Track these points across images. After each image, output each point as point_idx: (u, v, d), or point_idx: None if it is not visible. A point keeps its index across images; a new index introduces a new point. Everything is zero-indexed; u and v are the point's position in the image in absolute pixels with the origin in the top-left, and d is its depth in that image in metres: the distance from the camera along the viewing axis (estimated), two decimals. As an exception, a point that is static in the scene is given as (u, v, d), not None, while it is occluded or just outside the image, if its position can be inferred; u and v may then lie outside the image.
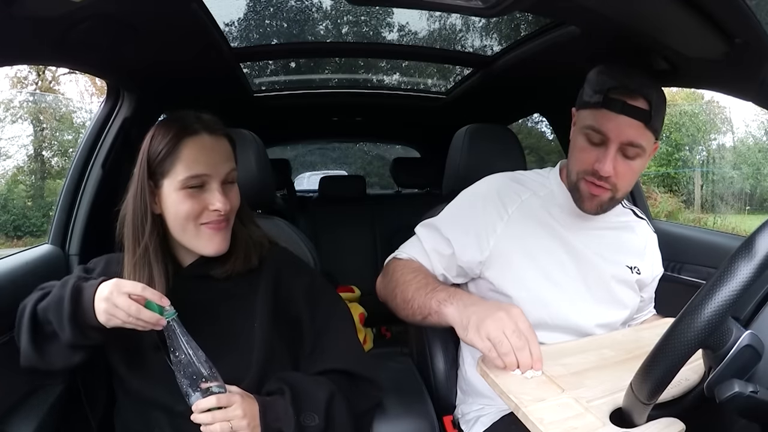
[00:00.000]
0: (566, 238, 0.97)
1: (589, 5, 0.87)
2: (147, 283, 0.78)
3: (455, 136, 1.30)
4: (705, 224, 7.27)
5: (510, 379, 0.72)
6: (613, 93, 0.87)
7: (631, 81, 0.88)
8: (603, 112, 0.88)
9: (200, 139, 0.81)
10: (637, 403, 0.58)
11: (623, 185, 0.92)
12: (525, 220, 0.97)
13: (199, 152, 0.79)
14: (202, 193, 0.80)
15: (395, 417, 0.97)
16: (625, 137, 0.87)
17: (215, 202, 0.80)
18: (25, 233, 7.41)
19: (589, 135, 0.90)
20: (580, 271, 0.97)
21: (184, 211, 0.80)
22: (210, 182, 0.81)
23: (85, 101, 9.21)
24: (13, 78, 8.65)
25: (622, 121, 0.87)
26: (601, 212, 0.95)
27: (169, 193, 0.80)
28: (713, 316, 0.51)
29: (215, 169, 0.81)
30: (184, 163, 0.79)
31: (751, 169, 8.58)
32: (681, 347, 0.52)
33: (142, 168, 0.81)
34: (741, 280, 0.51)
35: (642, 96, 0.87)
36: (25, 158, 8.28)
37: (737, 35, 0.86)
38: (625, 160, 0.89)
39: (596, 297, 0.97)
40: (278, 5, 1.83)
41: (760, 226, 0.54)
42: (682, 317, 0.53)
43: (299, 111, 2.26)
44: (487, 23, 1.82)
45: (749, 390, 0.52)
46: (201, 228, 0.81)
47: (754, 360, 0.55)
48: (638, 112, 0.86)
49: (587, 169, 0.91)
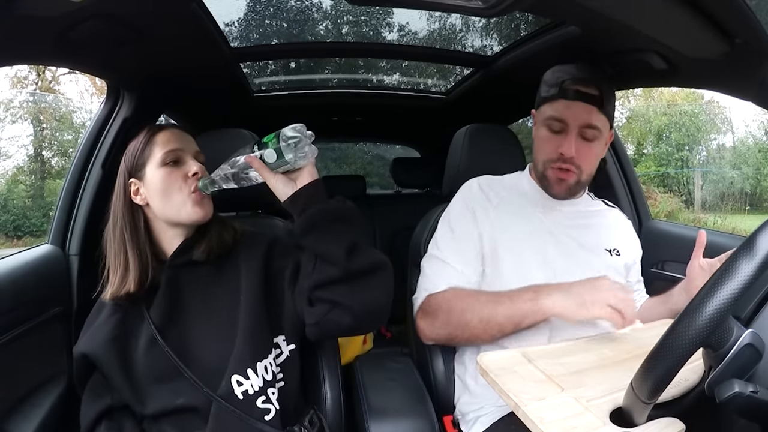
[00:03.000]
0: (549, 228, 1.05)
1: (589, 5, 0.87)
2: (123, 270, 0.87)
3: (455, 136, 1.30)
4: (705, 224, 7.27)
5: (509, 377, 0.72)
6: (567, 84, 0.99)
7: (581, 72, 1.00)
8: (560, 102, 1.00)
9: (169, 130, 0.93)
10: (638, 403, 0.58)
11: (586, 167, 1.03)
12: (507, 214, 1.05)
13: (170, 136, 0.92)
14: (179, 167, 0.90)
15: (395, 417, 0.97)
16: (583, 120, 0.99)
17: (192, 168, 0.90)
18: (25, 233, 7.41)
19: (550, 125, 1.01)
20: (566, 258, 1.02)
21: (170, 183, 0.88)
22: (184, 156, 0.91)
23: (85, 101, 9.21)
24: (13, 78, 8.66)
25: (577, 107, 0.99)
26: (570, 196, 1.06)
27: (152, 175, 0.89)
28: (714, 315, 0.51)
29: (186, 145, 0.92)
30: (160, 145, 0.90)
31: (751, 168, 8.59)
32: (682, 346, 0.52)
33: (122, 172, 0.91)
34: (742, 279, 0.51)
35: (593, 84, 0.99)
36: (25, 158, 8.30)
37: (737, 35, 0.86)
38: (585, 142, 1.00)
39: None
40: (278, 5, 1.83)
41: (761, 226, 0.54)
42: (683, 316, 0.53)
43: (299, 111, 2.26)
44: (487, 23, 1.82)
45: (749, 390, 0.52)
46: (187, 196, 0.89)
47: (755, 359, 0.54)
48: (591, 97, 0.98)
49: (552, 157, 1.02)
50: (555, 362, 0.77)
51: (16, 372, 1.03)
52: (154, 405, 0.84)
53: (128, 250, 0.88)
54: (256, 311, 0.87)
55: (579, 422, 0.63)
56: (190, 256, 0.91)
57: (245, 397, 0.82)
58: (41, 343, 1.10)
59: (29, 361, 1.06)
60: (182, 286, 0.90)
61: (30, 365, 1.06)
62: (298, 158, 0.79)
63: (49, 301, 1.15)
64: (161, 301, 0.88)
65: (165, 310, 0.87)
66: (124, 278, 0.87)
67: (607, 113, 1.01)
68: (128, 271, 0.87)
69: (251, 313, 0.87)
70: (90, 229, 1.28)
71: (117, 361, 0.84)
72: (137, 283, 0.86)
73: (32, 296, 1.10)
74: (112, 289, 0.87)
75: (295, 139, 0.79)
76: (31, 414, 1.03)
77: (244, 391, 0.82)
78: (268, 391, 0.84)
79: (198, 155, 0.94)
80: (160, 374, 0.83)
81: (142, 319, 0.87)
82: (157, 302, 0.88)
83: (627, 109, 9.71)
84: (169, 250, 0.92)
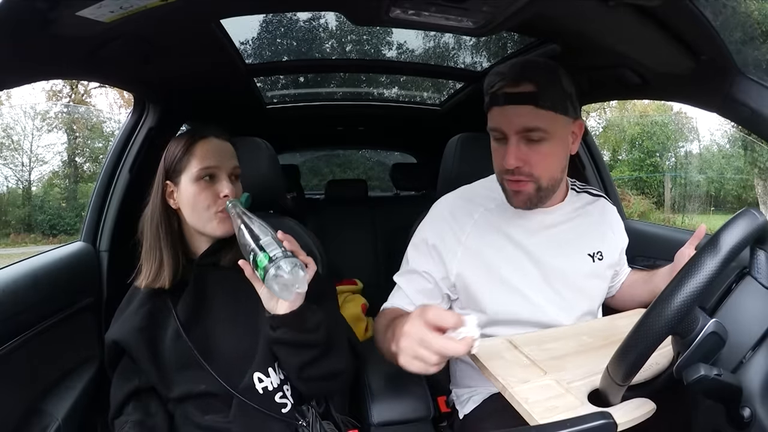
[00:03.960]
0: (525, 246, 0.90)
1: (569, 26, 0.87)
2: (158, 266, 0.85)
3: (448, 144, 1.30)
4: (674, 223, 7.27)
5: (497, 362, 0.72)
6: (495, 89, 0.82)
7: (509, 70, 0.81)
8: (493, 110, 0.84)
9: (209, 141, 0.88)
10: (613, 385, 0.58)
11: (540, 171, 0.83)
12: (481, 238, 0.90)
13: (209, 150, 0.87)
14: (213, 183, 0.86)
15: (392, 398, 0.97)
16: (518, 125, 0.80)
17: (224, 189, 0.86)
18: (59, 231, 7.42)
19: (493, 135, 0.85)
20: (544, 278, 0.90)
21: (200, 200, 0.85)
22: (219, 174, 0.87)
23: (114, 112, 9.22)
24: (49, 91, 8.68)
25: (509, 111, 0.81)
26: (533, 206, 0.87)
27: (186, 186, 0.86)
28: (682, 306, 0.51)
29: (223, 162, 0.87)
30: (198, 158, 0.86)
31: (715, 173, 8.59)
32: (653, 334, 0.52)
33: (160, 170, 0.88)
34: (707, 273, 0.51)
35: (525, 80, 0.79)
36: (59, 164, 8.31)
37: (703, 53, 0.86)
38: (531, 145, 0.81)
39: (565, 297, 0.92)
40: (289, 26, 1.84)
41: (724, 225, 0.55)
42: (654, 307, 0.53)
43: (307, 121, 2.26)
44: (477, 42, 1.82)
45: (714, 373, 0.52)
46: (215, 216, 0.86)
47: (719, 346, 0.55)
48: (522, 96, 0.79)
49: (502, 168, 0.85)
50: (538, 348, 0.77)
51: (52, 357, 1.03)
52: (179, 389, 0.83)
53: (163, 248, 0.86)
54: None
55: (560, 402, 0.63)
56: (217, 259, 0.89)
57: (265, 392, 0.82)
58: (74, 331, 1.10)
59: (63, 347, 1.06)
60: (208, 285, 0.89)
61: (64, 351, 1.06)
62: (282, 295, 0.70)
63: (82, 292, 1.16)
64: (188, 297, 0.87)
65: (191, 307, 0.86)
66: (158, 274, 0.86)
67: (551, 107, 0.79)
68: (162, 269, 0.86)
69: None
70: (118, 227, 1.28)
71: (145, 349, 0.84)
72: (170, 281, 0.85)
73: (66, 288, 1.10)
74: (146, 281, 0.86)
75: (282, 279, 0.68)
76: (66, 395, 1.03)
77: (264, 387, 0.82)
78: (284, 387, 0.85)
79: (235, 170, 0.89)
80: (185, 362, 0.83)
81: (169, 312, 0.86)
82: (184, 298, 0.87)
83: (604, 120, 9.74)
84: (199, 250, 0.90)
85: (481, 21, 0.84)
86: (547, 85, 0.80)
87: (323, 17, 1.86)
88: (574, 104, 0.83)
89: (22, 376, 0.93)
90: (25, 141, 7.95)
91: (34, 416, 0.95)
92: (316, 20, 1.93)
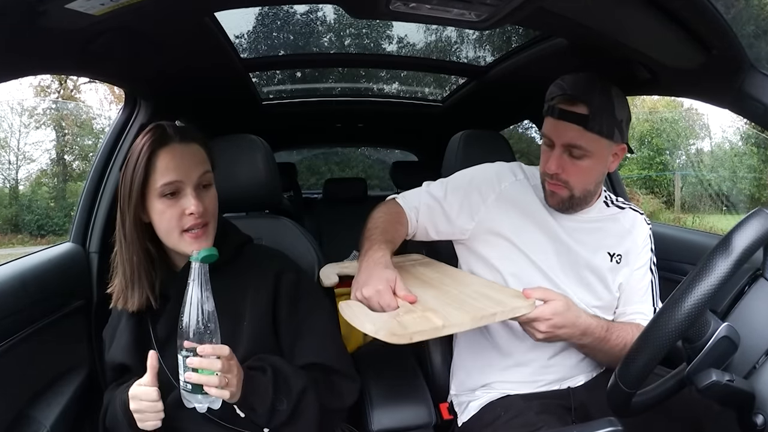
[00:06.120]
0: (549, 223, 1.00)
1: (576, 19, 0.87)
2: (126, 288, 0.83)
3: (451, 142, 1.30)
4: (684, 223, 7.26)
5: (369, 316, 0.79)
6: (554, 101, 0.91)
7: (571, 88, 0.90)
8: (548, 119, 0.94)
9: (171, 149, 0.82)
10: (622, 391, 0.58)
11: (575, 182, 0.94)
12: (513, 200, 1.02)
13: (170, 161, 0.81)
14: (178, 199, 0.81)
15: (394, 404, 0.97)
16: (565, 139, 0.91)
17: (189, 206, 0.80)
18: (48, 232, 7.41)
19: (544, 140, 0.96)
20: (557, 254, 0.99)
21: (166, 220, 0.81)
22: (183, 188, 0.81)
23: (104, 108, 9.20)
24: (37, 87, 8.65)
25: (560, 126, 0.91)
26: (564, 210, 0.98)
27: (152, 203, 0.82)
28: (692, 309, 0.51)
29: (187, 174, 0.81)
30: (159, 172, 0.80)
31: (727, 171, 8.58)
32: (662, 338, 0.52)
33: (124, 183, 0.83)
34: (719, 275, 0.51)
35: (581, 102, 0.89)
36: (48, 162, 8.29)
37: (714, 47, 0.86)
38: (572, 159, 0.92)
39: (569, 279, 0.98)
40: (285, 19, 1.84)
41: (737, 225, 0.55)
42: (663, 310, 0.53)
43: (305, 118, 2.26)
44: (480, 36, 1.83)
45: (726, 379, 0.52)
46: (183, 236, 0.82)
47: (731, 351, 0.55)
48: (575, 116, 0.89)
49: (544, 171, 0.97)
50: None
51: (41, 362, 1.03)
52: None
53: (135, 270, 0.83)
54: (258, 328, 0.86)
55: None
56: None
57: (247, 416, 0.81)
58: (64, 335, 1.10)
59: (53, 351, 1.06)
60: None
61: (53, 355, 1.06)
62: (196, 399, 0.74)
63: (71, 295, 1.15)
64: (169, 315, 0.84)
65: (171, 324, 0.82)
66: (126, 298, 0.83)
67: (598, 131, 0.89)
68: (132, 292, 0.83)
69: (254, 329, 0.86)
70: (109, 228, 1.27)
71: (142, 362, 0.81)
72: (139, 306, 0.83)
73: (55, 291, 1.10)
74: (114, 301, 0.85)
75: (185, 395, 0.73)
76: (55, 401, 1.03)
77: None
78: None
79: (203, 177, 0.84)
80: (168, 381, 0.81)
81: (148, 335, 0.86)
82: (165, 314, 0.85)
83: (611, 116, 9.68)
84: (180, 263, 0.88)
85: (485, 14, 0.84)
86: (599, 110, 0.88)
87: (321, 10, 1.87)
88: (622, 131, 0.92)
89: (10, 382, 0.93)
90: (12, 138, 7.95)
91: (22, 422, 0.96)
92: (314, 13, 1.93)
